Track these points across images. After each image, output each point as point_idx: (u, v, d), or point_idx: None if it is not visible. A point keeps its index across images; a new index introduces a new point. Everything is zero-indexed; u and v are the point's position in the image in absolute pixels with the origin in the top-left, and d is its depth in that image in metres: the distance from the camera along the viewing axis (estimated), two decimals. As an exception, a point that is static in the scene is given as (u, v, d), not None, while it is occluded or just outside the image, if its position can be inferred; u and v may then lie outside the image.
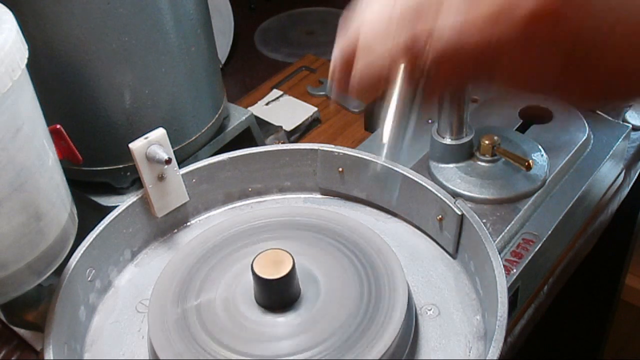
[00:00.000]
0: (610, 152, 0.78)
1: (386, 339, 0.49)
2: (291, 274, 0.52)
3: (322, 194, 0.69)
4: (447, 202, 0.58)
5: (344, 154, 0.65)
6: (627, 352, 1.69)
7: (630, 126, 0.83)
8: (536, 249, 0.68)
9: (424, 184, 0.61)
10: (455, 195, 0.65)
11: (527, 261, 0.67)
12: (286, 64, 1.13)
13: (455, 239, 0.59)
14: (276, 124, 0.93)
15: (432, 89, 0.39)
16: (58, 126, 0.53)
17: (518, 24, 0.34)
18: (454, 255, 0.60)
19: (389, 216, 0.66)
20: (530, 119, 0.81)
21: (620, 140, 0.80)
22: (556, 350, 1.40)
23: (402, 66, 0.38)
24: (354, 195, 0.67)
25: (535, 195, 0.72)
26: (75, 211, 0.55)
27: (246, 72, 1.15)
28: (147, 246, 0.65)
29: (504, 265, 0.52)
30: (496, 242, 0.67)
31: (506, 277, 0.51)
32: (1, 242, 0.46)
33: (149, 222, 0.64)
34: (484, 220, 0.69)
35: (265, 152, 0.67)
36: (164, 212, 0.63)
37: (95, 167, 0.67)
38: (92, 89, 0.62)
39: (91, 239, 0.58)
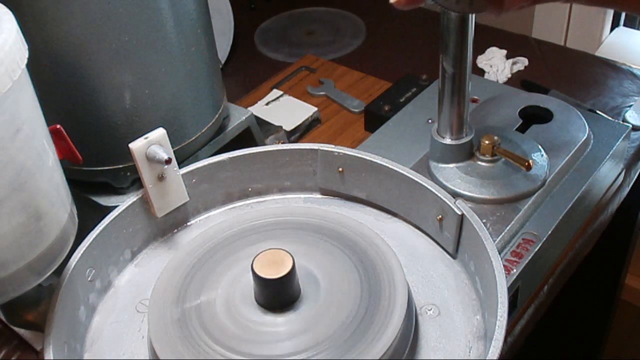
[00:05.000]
0: (610, 152, 0.78)
1: (386, 339, 0.49)
2: (291, 274, 0.52)
3: (322, 194, 0.69)
4: (447, 202, 0.58)
5: (344, 154, 0.65)
6: (627, 352, 1.69)
7: (630, 126, 0.83)
8: (536, 249, 0.68)
9: (424, 184, 0.61)
10: (455, 195, 0.65)
11: (527, 261, 0.67)
12: (286, 64, 1.13)
13: (455, 239, 0.59)
14: (276, 124, 0.93)
15: None
16: (58, 126, 0.53)
17: None
18: (454, 255, 0.60)
19: (389, 216, 0.66)
20: (530, 119, 0.81)
21: (620, 140, 0.80)
22: (556, 350, 1.40)
23: None
24: (354, 195, 0.67)
25: (535, 195, 0.71)
26: (75, 211, 0.55)
27: (246, 72, 1.15)
28: (147, 246, 0.65)
29: (504, 265, 0.52)
30: (496, 242, 0.67)
31: (506, 277, 0.51)
32: (1, 242, 0.46)
33: (149, 222, 0.64)
34: (484, 220, 0.69)
35: (265, 152, 0.67)
36: (164, 212, 0.63)
37: (95, 167, 0.67)
38: (92, 89, 0.62)
39: (91, 239, 0.58)
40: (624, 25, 1.23)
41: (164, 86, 0.66)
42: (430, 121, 0.83)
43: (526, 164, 0.70)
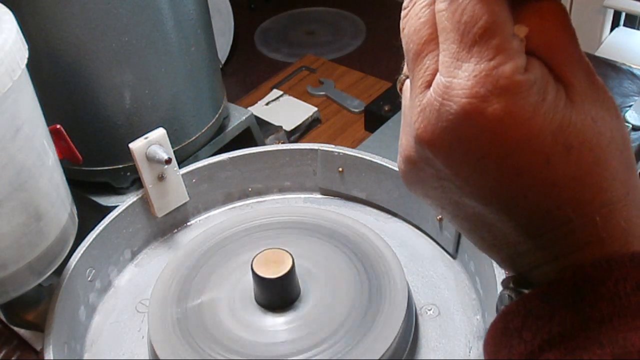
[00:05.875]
0: (610, 152, 0.78)
1: (386, 339, 0.49)
2: (291, 274, 0.51)
3: (322, 194, 0.69)
4: (447, 202, 0.58)
5: (344, 154, 0.65)
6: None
7: (631, 126, 0.83)
8: (536, 249, 0.68)
9: (424, 184, 0.60)
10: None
11: (527, 261, 0.67)
12: (286, 64, 1.13)
13: (455, 239, 0.59)
14: (276, 124, 0.93)
15: None
16: (58, 126, 0.53)
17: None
18: (454, 255, 0.60)
19: (389, 216, 0.66)
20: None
21: (620, 140, 0.80)
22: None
23: None
24: (354, 195, 0.67)
25: (535, 195, 0.71)
26: (75, 211, 0.55)
27: (246, 72, 1.15)
28: (147, 246, 0.65)
29: (504, 265, 0.52)
30: (496, 242, 0.67)
31: (506, 277, 0.51)
32: (1, 242, 0.46)
33: (149, 222, 0.64)
34: (484, 220, 0.69)
35: (265, 152, 0.67)
36: (164, 212, 0.63)
37: (95, 167, 0.67)
38: (92, 89, 0.62)
39: (91, 239, 0.58)
40: (624, 25, 1.23)
41: (164, 86, 0.66)
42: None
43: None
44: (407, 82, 0.29)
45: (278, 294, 0.52)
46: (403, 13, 0.28)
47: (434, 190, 0.29)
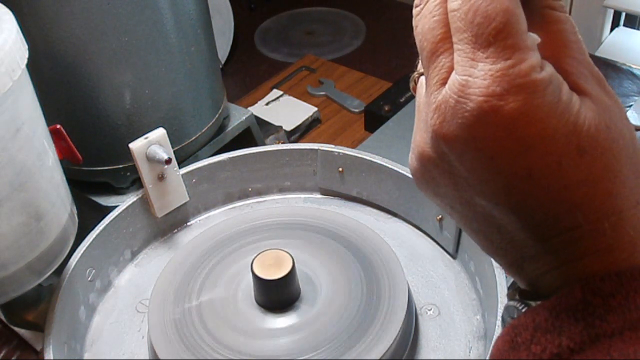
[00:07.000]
0: (610, 152, 0.78)
1: (386, 339, 0.49)
2: (291, 275, 0.51)
3: (322, 194, 0.69)
4: (447, 202, 0.58)
5: (344, 154, 0.65)
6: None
7: (631, 126, 0.83)
8: (536, 249, 0.68)
9: (424, 184, 0.60)
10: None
11: (527, 261, 0.67)
12: (286, 64, 1.13)
13: (455, 239, 0.59)
14: (276, 124, 0.93)
15: None
16: (58, 126, 0.53)
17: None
18: (454, 255, 0.60)
19: (389, 216, 0.66)
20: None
21: (620, 140, 0.80)
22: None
23: None
24: (354, 195, 0.67)
25: (535, 195, 0.71)
26: (75, 211, 0.55)
27: (246, 72, 1.15)
28: (147, 246, 0.65)
29: (504, 265, 0.52)
30: (496, 242, 0.67)
31: (506, 277, 0.51)
32: (1, 242, 0.46)
33: (149, 222, 0.64)
34: (484, 220, 0.69)
35: (265, 152, 0.67)
36: (164, 212, 0.63)
37: (95, 167, 0.67)
38: (92, 89, 0.62)
39: (91, 239, 0.58)
40: (624, 25, 1.23)
41: (164, 86, 0.66)
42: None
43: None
44: (422, 79, 0.29)
45: (278, 295, 0.52)
46: (415, 11, 0.28)
47: (446, 188, 0.29)
